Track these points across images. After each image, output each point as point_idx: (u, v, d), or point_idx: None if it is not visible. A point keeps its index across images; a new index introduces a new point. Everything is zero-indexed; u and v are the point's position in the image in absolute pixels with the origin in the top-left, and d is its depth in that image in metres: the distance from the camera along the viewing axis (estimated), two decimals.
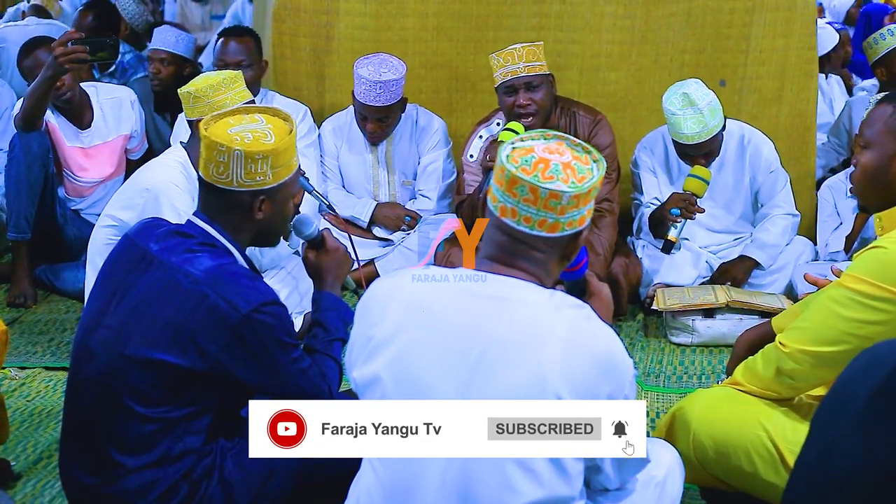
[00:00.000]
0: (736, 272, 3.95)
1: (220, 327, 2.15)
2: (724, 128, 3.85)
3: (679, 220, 3.73)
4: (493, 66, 3.87)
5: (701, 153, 3.83)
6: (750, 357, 2.46)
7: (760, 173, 4.02)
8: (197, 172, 2.32)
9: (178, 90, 3.26)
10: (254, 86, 4.18)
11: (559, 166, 1.79)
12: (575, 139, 1.88)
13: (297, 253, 3.75)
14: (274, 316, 2.19)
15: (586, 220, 1.85)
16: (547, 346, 1.74)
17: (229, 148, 2.19)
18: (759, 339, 2.63)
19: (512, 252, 1.83)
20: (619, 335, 1.84)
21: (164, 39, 4.84)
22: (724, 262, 3.98)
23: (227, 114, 2.31)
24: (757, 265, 3.97)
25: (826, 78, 5.53)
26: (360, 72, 4.07)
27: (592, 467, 1.83)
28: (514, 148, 1.83)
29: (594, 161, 1.85)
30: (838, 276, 2.30)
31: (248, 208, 2.27)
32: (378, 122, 4.18)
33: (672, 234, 3.75)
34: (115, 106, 4.39)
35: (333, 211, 3.63)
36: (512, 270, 1.83)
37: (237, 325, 2.15)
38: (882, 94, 3.89)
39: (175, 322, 2.16)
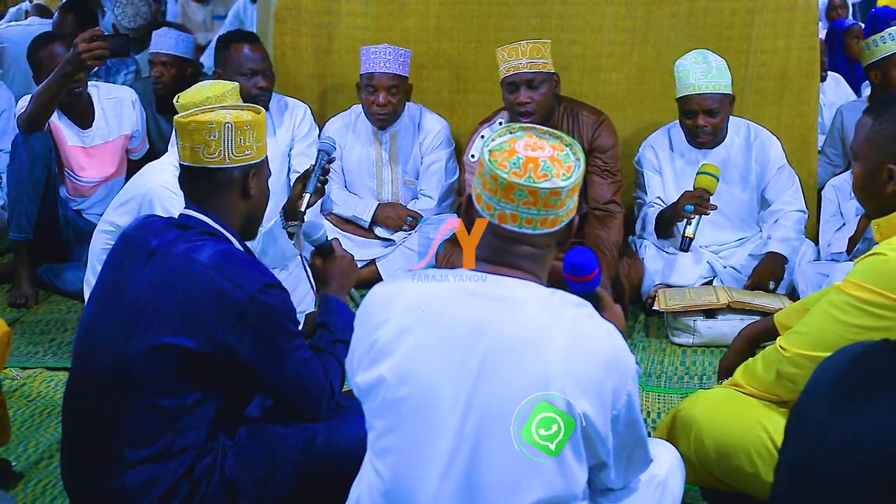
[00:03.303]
0: (772, 269, 3.92)
1: (226, 308, 2.17)
2: (731, 101, 3.91)
3: (693, 216, 3.74)
4: (498, 60, 3.88)
5: (704, 109, 3.85)
6: (750, 359, 2.46)
7: (768, 169, 4.03)
8: (180, 164, 2.34)
9: (174, 101, 3.23)
10: (271, 90, 4.17)
11: (547, 162, 1.80)
12: (542, 127, 1.88)
13: (303, 258, 3.74)
14: (278, 298, 2.23)
15: (577, 205, 1.88)
16: (550, 344, 1.74)
17: (219, 123, 2.28)
18: (761, 335, 2.63)
19: (510, 252, 1.83)
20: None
21: (164, 42, 4.82)
22: (755, 266, 3.95)
23: (192, 113, 2.35)
24: (785, 260, 3.96)
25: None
26: (366, 49, 4.16)
27: (598, 465, 1.83)
28: (491, 151, 1.81)
29: (567, 146, 1.86)
30: None
31: (240, 186, 2.33)
32: (388, 93, 4.17)
33: (689, 231, 3.76)
34: (117, 105, 4.39)
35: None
36: (512, 271, 1.83)
37: (242, 305, 2.17)
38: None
39: (181, 306, 2.18)
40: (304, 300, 3.69)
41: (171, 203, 3.23)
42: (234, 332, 2.18)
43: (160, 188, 3.26)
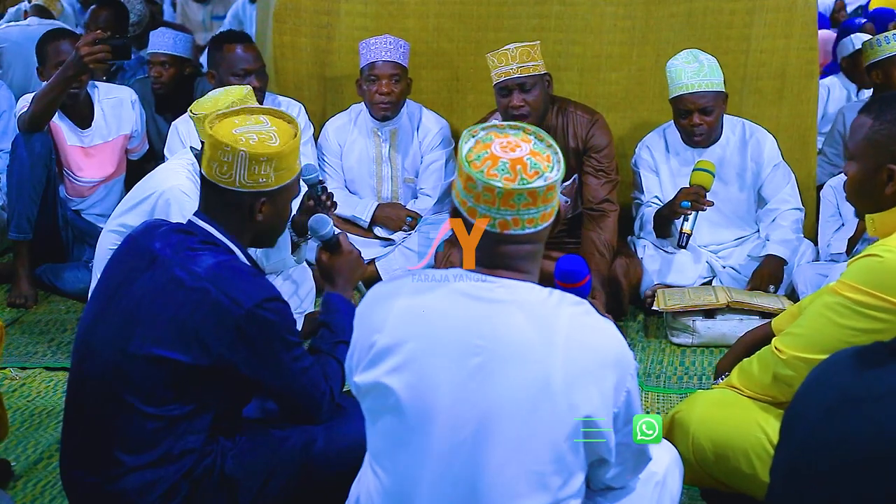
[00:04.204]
0: (773, 273, 3.93)
1: (223, 323, 2.15)
2: (724, 99, 3.92)
3: (690, 212, 3.75)
4: (489, 66, 3.89)
5: (698, 108, 3.86)
6: (745, 360, 2.46)
7: (764, 167, 4.04)
8: (199, 170, 2.32)
9: (190, 114, 3.21)
10: (264, 91, 4.18)
11: (532, 158, 1.79)
12: (499, 122, 1.87)
13: (309, 263, 3.73)
14: (276, 312, 2.20)
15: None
16: (549, 346, 1.75)
17: (234, 148, 2.19)
18: (760, 340, 2.62)
19: (507, 254, 1.83)
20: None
21: (162, 42, 4.82)
22: (755, 270, 3.96)
23: (231, 113, 2.31)
24: (784, 262, 3.97)
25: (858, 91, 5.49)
26: (365, 42, 4.17)
27: (599, 461, 1.83)
28: (471, 163, 1.79)
29: (531, 134, 1.85)
30: None
31: (248, 209, 2.27)
32: (390, 81, 4.17)
33: (686, 227, 3.77)
34: (116, 105, 4.39)
35: (326, 193, 3.46)
36: (508, 272, 1.83)
37: (240, 320, 2.15)
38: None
39: (178, 319, 2.16)
40: (304, 300, 3.69)
41: (188, 206, 3.21)
42: (231, 346, 2.17)
43: (177, 191, 3.23)
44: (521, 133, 1.84)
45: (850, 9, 7.80)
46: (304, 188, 3.15)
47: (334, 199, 3.27)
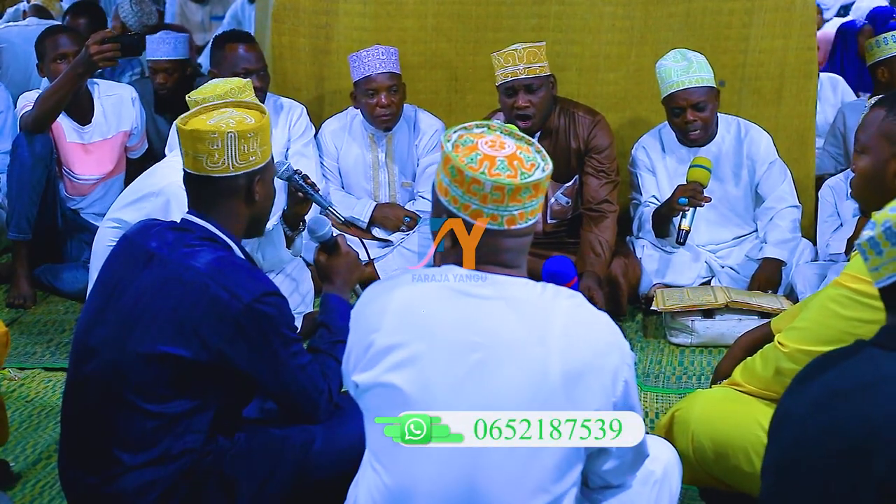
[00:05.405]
0: (770, 276, 3.94)
1: (222, 318, 2.16)
2: (716, 96, 3.93)
3: (688, 208, 3.75)
4: (494, 66, 3.89)
5: (691, 104, 3.87)
6: (749, 357, 2.46)
7: (759, 165, 4.04)
8: (183, 170, 2.33)
9: (187, 98, 3.21)
10: (265, 91, 4.17)
11: (522, 153, 1.81)
12: (467, 124, 1.88)
13: (308, 264, 3.72)
14: (275, 307, 2.21)
15: None
16: (546, 339, 1.76)
17: (222, 132, 2.22)
18: (759, 341, 2.63)
19: (507, 249, 1.84)
20: None
21: (163, 49, 4.76)
22: (753, 274, 3.97)
23: (193, 113, 2.33)
24: (782, 264, 3.98)
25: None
26: (356, 55, 4.13)
27: (597, 451, 1.83)
28: (468, 166, 1.77)
29: (497, 129, 1.86)
30: None
31: (245, 192, 2.30)
32: (389, 93, 4.15)
33: (685, 224, 3.77)
34: (116, 103, 4.39)
35: (339, 217, 3.56)
36: (502, 269, 1.84)
37: (239, 314, 2.16)
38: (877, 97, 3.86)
39: (178, 314, 2.17)
40: (302, 301, 3.68)
41: (187, 203, 3.20)
42: (230, 341, 2.17)
43: (176, 187, 3.20)
44: (490, 130, 1.86)
45: (833, 10, 7.82)
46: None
47: (312, 181, 3.19)
